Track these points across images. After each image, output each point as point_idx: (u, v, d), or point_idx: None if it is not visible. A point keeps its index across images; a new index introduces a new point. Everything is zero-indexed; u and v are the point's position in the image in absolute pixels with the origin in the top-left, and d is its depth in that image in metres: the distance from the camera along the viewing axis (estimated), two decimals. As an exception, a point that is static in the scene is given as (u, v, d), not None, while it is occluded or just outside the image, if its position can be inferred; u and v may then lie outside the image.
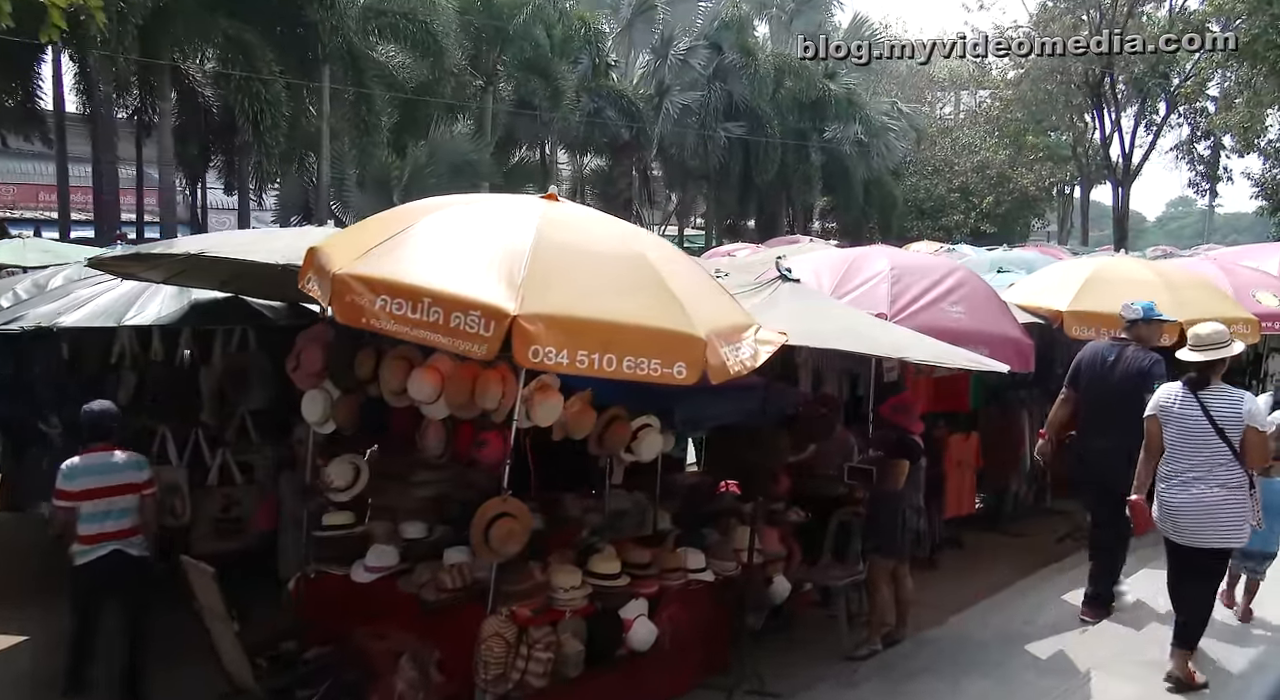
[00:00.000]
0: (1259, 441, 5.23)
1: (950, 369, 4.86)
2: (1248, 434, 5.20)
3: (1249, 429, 5.20)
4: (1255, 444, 5.21)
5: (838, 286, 6.30)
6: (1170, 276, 7.75)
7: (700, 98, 28.16)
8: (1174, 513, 5.31)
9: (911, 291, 6.17)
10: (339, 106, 19.50)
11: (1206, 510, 5.20)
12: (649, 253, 4.21)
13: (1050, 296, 7.89)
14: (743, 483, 6.68)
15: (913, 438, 6.22)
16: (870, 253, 6.70)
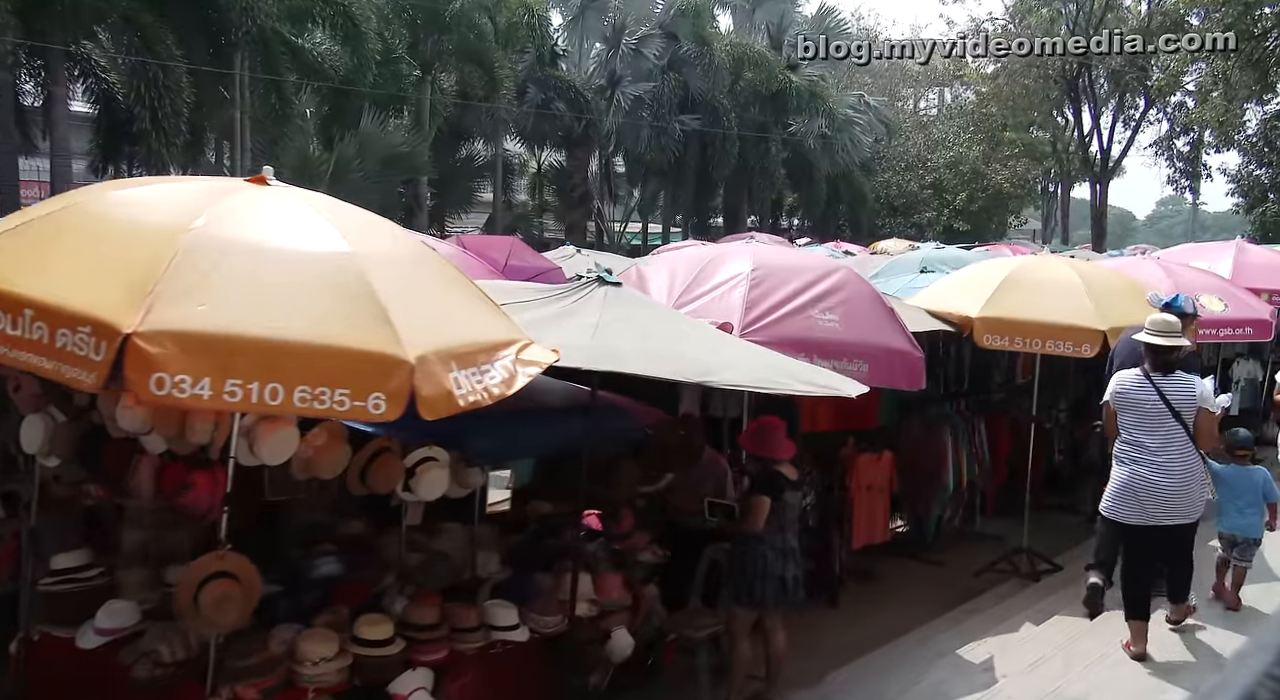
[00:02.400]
0: (1209, 423, 5.49)
1: (783, 393, 3.99)
2: (1199, 416, 5.44)
3: (1201, 411, 5.44)
4: (1206, 426, 5.47)
5: (688, 290, 5.46)
6: (1095, 280, 6.95)
7: (653, 89, 27.21)
8: (1136, 495, 5.44)
9: (774, 297, 5.34)
10: (262, 96, 18.53)
11: (1168, 490, 5.39)
12: (366, 252, 3.34)
13: (962, 301, 7.08)
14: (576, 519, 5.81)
15: (776, 470, 5.39)
16: (733, 251, 5.85)
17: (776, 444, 5.43)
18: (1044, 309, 6.71)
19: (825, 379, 4.35)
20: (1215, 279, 8.78)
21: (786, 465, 5.52)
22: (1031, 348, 6.74)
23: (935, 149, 40.16)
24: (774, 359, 4.36)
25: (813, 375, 4.32)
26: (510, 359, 3.55)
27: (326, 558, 5.23)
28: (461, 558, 5.60)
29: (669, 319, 4.34)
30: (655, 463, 5.82)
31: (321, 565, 5.20)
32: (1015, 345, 6.78)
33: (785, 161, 30.10)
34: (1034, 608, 6.80)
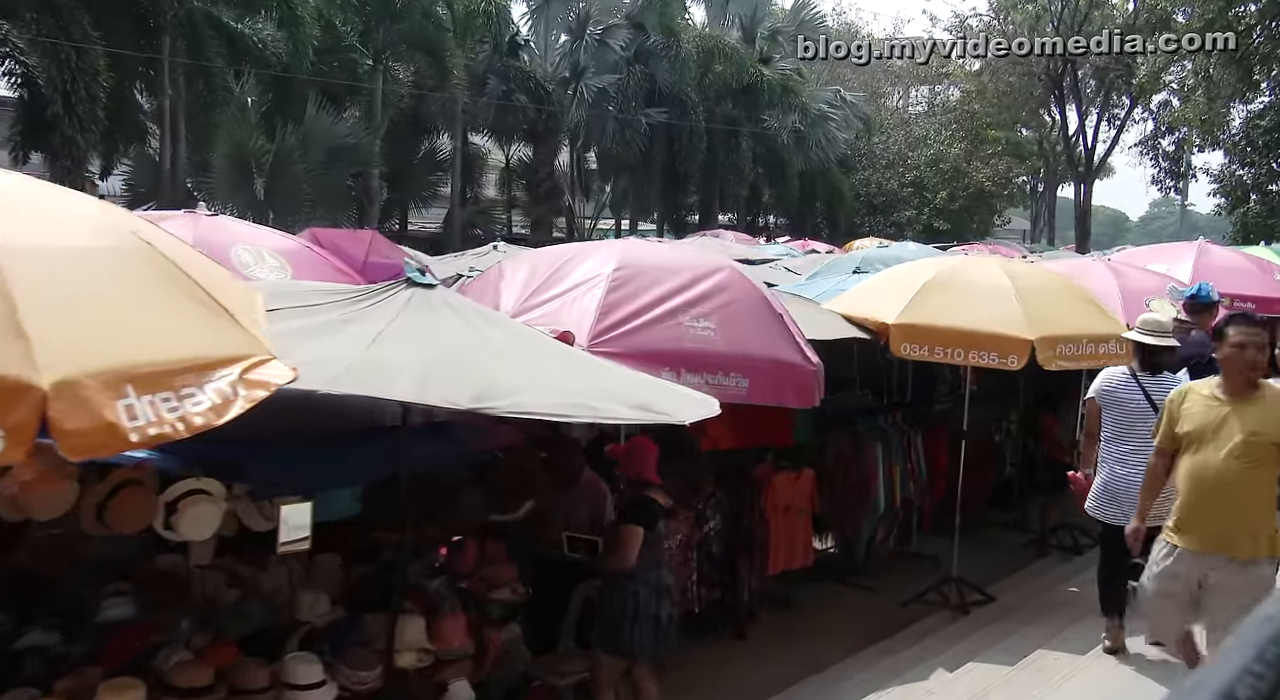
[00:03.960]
0: None
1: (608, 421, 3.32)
2: None
3: None
4: None
5: (537, 292, 4.80)
6: (1028, 284, 6.31)
7: (618, 81, 26.46)
8: (1116, 496, 5.45)
9: (637, 301, 4.68)
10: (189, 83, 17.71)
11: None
12: (13, 245, 2.64)
13: (880, 306, 6.43)
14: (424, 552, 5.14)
15: (649, 496, 4.75)
16: (600, 248, 5.19)
17: (648, 467, 4.78)
18: (967, 315, 6.07)
19: (670, 402, 3.69)
20: (1168, 283, 8.15)
21: (658, 490, 4.88)
22: (953, 358, 6.11)
23: (916, 146, 39.51)
24: (606, 378, 3.69)
25: (655, 397, 3.66)
26: (230, 379, 2.87)
27: (116, 599, 4.54)
28: (286, 597, 4.92)
29: (480, 329, 3.67)
30: (514, 488, 5.14)
31: (107, 608, 4.51)
32: (935, 355, 6.13)
33: (758, 158, 29.38)
34: (953, 650, 6.16)
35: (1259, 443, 4.32)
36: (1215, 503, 4.39)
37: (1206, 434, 4.41)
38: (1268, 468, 4.38)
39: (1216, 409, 4.43)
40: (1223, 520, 4.40)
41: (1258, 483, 4.37)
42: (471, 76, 24.82)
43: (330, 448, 4.28)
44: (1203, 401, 4.49)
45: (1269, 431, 4.34)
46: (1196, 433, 4.45)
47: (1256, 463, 4.33)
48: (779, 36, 30.51)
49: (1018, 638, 6.14)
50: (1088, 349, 6.12)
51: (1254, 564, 4.38)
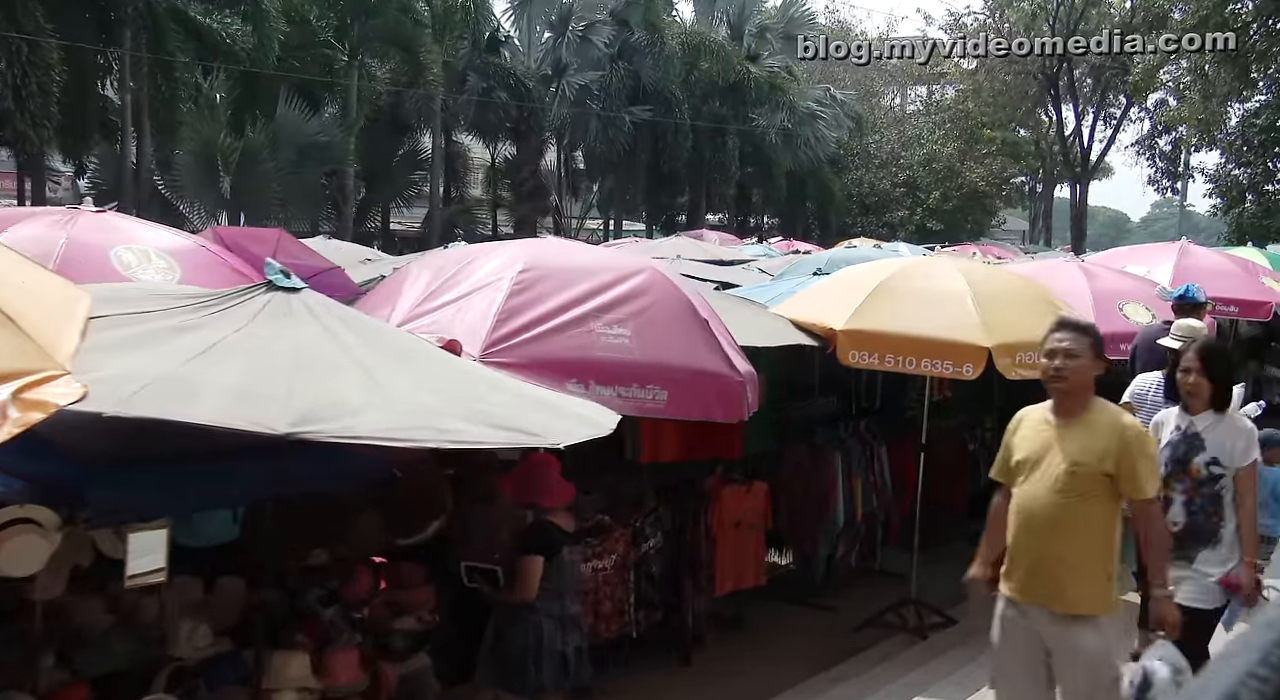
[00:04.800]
0: None
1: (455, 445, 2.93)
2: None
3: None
4: None
5: (433, 296, 4.42)
6: (986, 288, 5.93)
7: (601, 78, 26.03)
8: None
9: (541, 306, 4.28)
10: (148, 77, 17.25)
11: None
12: None
13: (829, 311, 6.03)
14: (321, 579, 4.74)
15: (550, 523, 4.36)
16: (506, 249, 4.79)
17: (546, 488, 4.39)
18: (919, 321, 5.68)
19: (552, 421, 3.30)
20: (1145, 285, 7.76)
21: (561, 513, 4.49)
22: (904, 367, 5.71)
23: (909, 146, 39.14)
24: (481, 393, 3.30)
25: (536, 415, 3.26)
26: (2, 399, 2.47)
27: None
28: (168, 627, 4.53)
29: (340, 337, 3.28)
30: (418, 508, 4.75)
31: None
32: (886, 364, 5.74)
33: (745, 157, 28.96)
34: (905, 678, 5.77)
35: (1083, 474, 3.65)
36: (1035, 544, 3.77)
37: (1032, 464, 3.79)
38: (1098, 503, 3.70)
39: (1045, 434, 3.80)
40: (1041, 565, 3.75)
41: (1084, 521, 3.69)
42: (451, 73, 24.42)
43: (193, 467, 3.88)
44: (1034, 426, 3.89)
45: (1090, 461, 3.66)
46: (1025, 462, 3.82)
47: (1083, 497, 3.67)
48: (767, 34, 30.13)
49: (974, 667, 5.74)
50: (1049, 357, 5.72)
51: (1076, 622, 3.69)
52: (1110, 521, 3.74)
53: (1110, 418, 3.77)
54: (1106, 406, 3.84)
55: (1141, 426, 3.88)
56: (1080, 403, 3.76)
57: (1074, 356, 3.71)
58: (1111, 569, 3.75)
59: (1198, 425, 4.52)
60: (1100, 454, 3.66)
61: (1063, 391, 3.76)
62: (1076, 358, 3.71)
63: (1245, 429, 4.52)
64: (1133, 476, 3.67)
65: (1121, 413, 3.86)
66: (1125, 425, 3.74)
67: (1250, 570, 4.44)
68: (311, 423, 2.66)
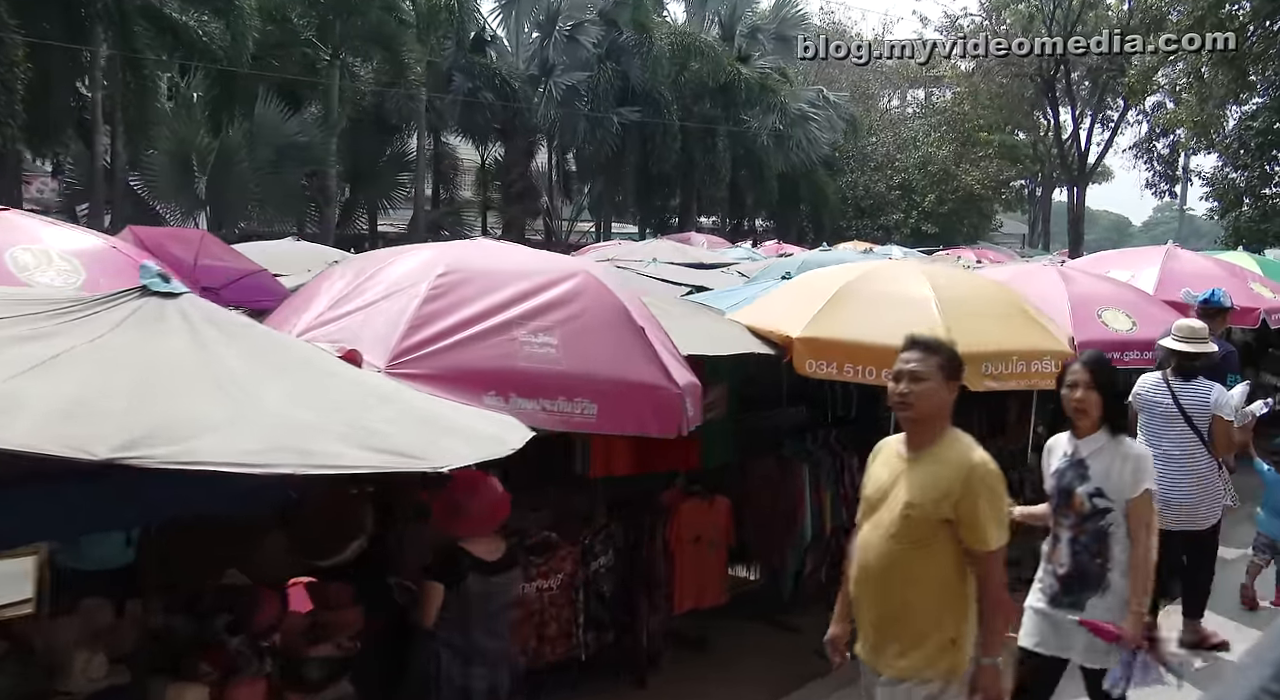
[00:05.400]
0: (1224, 430, 5.63)
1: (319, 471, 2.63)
2: (1214, 422, 5.62)
3: (1214, 418, 5.60)
4: (1221, 432, 5.63)
5: (344, 301, 4.12)
6: (952, 294, 5.63)
7: (589, 78, 25.74)
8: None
9: (458, 313, 3.99)
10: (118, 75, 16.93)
11: (1174, 493, 5.53)
12: None
13: (786, 317, 5.73)
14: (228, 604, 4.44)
15: (460, 549, 4.07)
16: (428, 250, 4.49)
17: (466, 513, 4.09)
18: (879, 328, 5.37)
19: (449, 440, 3.00)
20: (1126, 291, 7.47)
21: (485, 539, 4.18)
22: (863, 377, 5.41)
23: (905, 148, 38.87)
24: (371, 408, 3.00)
25: (431, 434, 2.97)
26: None
27: None
28: (62, 655, 4.22)
29: (212, 348, 2.99)
30: (334, 529, 4.45)
31: None
32: (845, 374, 5.44)
33: (737, 159, 28.67)
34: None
35: (918, 518, 3.18)
36: (869, 598, 3.35)
37: (875, 503, 3.37)
38: (939, 553, 3.20)
39: (894, 469, 3.35)
40: (877, 623, 3.32)
41: (922, 574, 3.22)
42: (437, 73, 24.15)
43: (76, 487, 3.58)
44: (886, 459, 3.43)
45: (928, 503, 3.18)
46: (870, 502, 3.41)
47: (919, 545, 3.19)
48: (759, 34, 29.87)
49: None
50: (1017, 367, 5.44)
51: (903, 687, 3.22)
52: (955, 574, 3.22)
53: (958, 453, 3.23)
54: (958, 439, 3.31)
55: (992, 465, 3.26)
56: (930, 433, 3.28)
57: (921, 379, 3.24)
58: (958, 630, 3.24)
59: (1083, 450, 4.01)
60: (940, 495, 3.17)
61: (910, 420, 3.28)
62: (923, 380, 3.24)
63: (1135, 454, 3.98)
64: (972, 523, 3.14)
65: (973, 447, 3.28)
66: (972, 463, 3.20)
67: (1137, 621, 3.86)
68: (144, 446, 2.36)
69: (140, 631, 4.40)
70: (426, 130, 26.70)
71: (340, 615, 4.88)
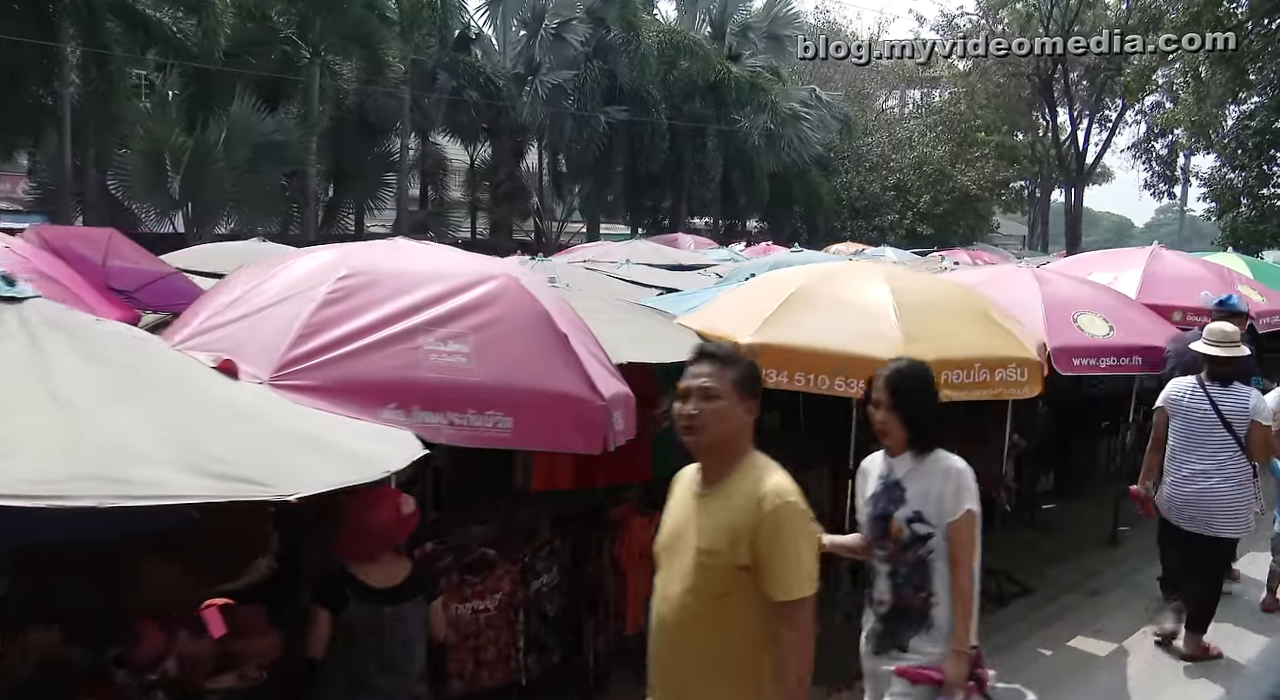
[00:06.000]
0: (1263, 436, 5.52)
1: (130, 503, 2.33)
2: (1252, 428, 5.50)
3: (1253, 423, 5.49)
4: (1258, 438, 5.51)
5: (236, 304, 3.82)
6: (912, 297, 5.33)
7: (575, 77, 25.44)
8: (1180, 503, 5.63)
9: (361, 318, 3.69)
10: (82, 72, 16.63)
11: (1212, 501, 5.52)
12: None
13: (737, 322, 5.43)
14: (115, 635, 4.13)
15: (346, 575, 3.76)
16: (334, 251, 4.19)
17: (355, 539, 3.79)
18: (833, 334, 5.08)
19: (301, 463, 2.70)
20: (1105, 294, 7.17)
21: (384, 564, 3.86)
22: (816, 386, 5.10)
23: (900, 148, 38.59)
24: (219, 427, 2.70)
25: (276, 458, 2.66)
26: None
27: None
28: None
29: (47, 356, 2.69)
30: (235, 550, 4.15)
31: None
32: (796, 383, 5.13)
33: (728, 159, 28.35)
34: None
35: (714, 566, 2.68)
36: (666, 660, 2.86)
37: (670, 548, 2.87)
38: (743, 606, 2.68)
39: (688, 507, 2.86)
40: (674, 690, 2.87)
41: (724, 632, 2.72)
42: (422, 72, 23.86)
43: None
44: (682, 494, 2.95)
45: (722, 547, 2.68)
46: (666, 545, 2.90)
47: (720, 597, 2.69)
48: (750, 33, 29.58)
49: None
50: (980, 375, 5.13)
51: None
52: (768, 631, 2.68)
53: (752, 485, 2.71)
54: (755, 468, 2.78)
55: (791, 496, 2.72)
56: (724, 463, 2.78)
57: (713, 397, 2.74)
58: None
59: (897, 471, 3.56)
60: (734, 537, 2.66)
61: (700, 447, 2.79)
62: (716, 399, 2.74)
63: (955, 470, 3.47)
64: (769, 569, 2.63)
65: (769, 477, 2.75)
66: (763, 495, 2.67)
67: (959, 662, 3.40)
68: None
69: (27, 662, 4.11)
70: (413, 130, 26.42)
71: (251, 643, 4.56)
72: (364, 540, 3.79)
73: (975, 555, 3.47)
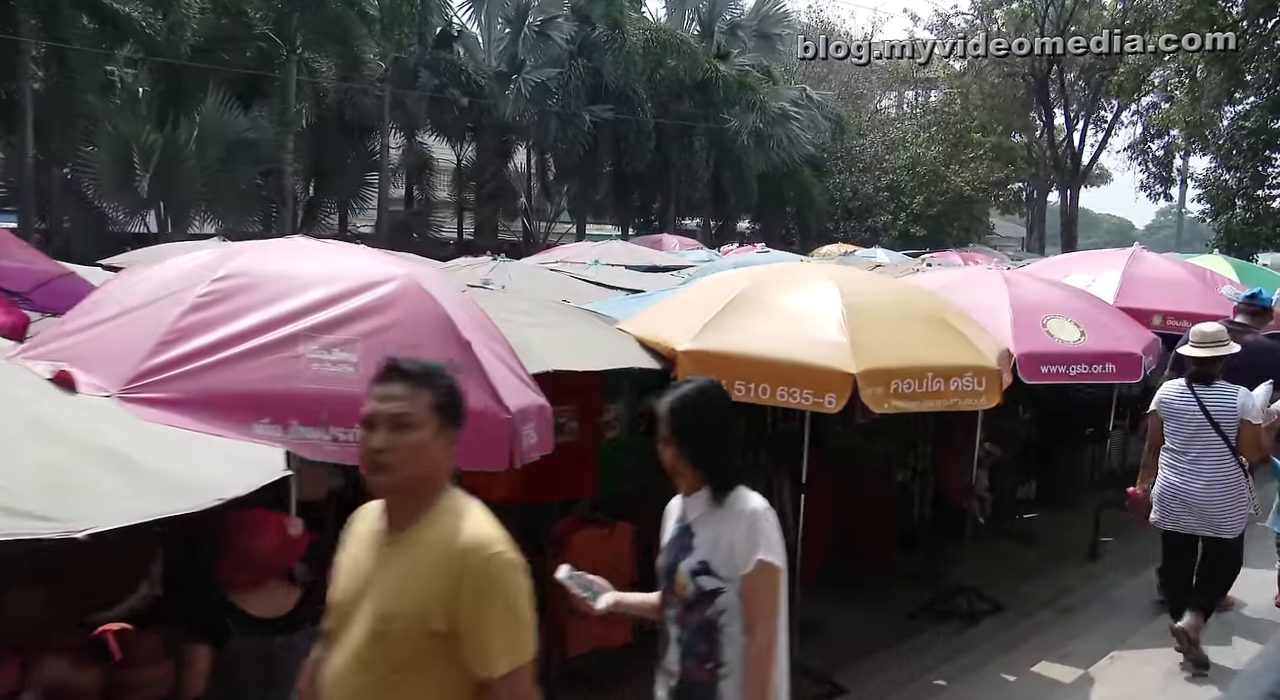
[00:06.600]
0: (1252, 434, 5.54)
1: None
2: (1242, 427, 5.52)
3: (1243, 422, 5.51)
4: (1248, 437, 5.53)
5: (99, 307, 3.50)
6: (862, 300, 5.03)
7: (559, 75, 25.11)
8: (1169, 503, 5.72)
9: (233, 325, 3.38)
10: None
11: (1201, 500, 5.59)
12: None
13: (676, 327, 5.12)
14: None
15: (229, 602, 3.46)
16: (216, 250, 3.87)
17: (243, 561, 3.48)
18: (776, 340, 4.78)
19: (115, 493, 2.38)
20: (1078, 298, 6.87)
21: (272, 591, 3.56)
22: (757, 396, 4.79)
23: (893, 149, 38.27)
24: (15, 451, 2.38)
25: (79, 491, 2.35)
26: None
27: None
28: None
29: None
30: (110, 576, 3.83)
31: None
32: (736, 393, 4.80)
33: (717, 159, 28.00)
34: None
35: (398, 635, 2.19)
36: None
37: (345, 609, 2.32)
38: (430, 684, 2.21)
39: (369, 558, 2.32)
40: None
41: None
42: (404, 70, 23.55)
43: None
44: (362, 539, 2.39)
45: (409, 611, 2.19)
46: (340, 606, 2.35)
47: (404, 671, 2.20)
48: (739, 31, 29.27)
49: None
50: (933, 384, 4.82)
51: None
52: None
53: (449, 533, 2.21)
54: (453, 509, 2.29)
55: (497, 547, 2.24)
56: (418, 505, 2.27)
57: (406, 427, 2.22)
58: None
59: (690, 514, 2.99)
60: (425, 597, 2.16)
61: (388, 488, 2.25)
62: (410, 429, 2.22)
63: (750, 512, 2.87)
64: (473, 636, 2.16)
65: (472, 522, 2.27)
66: (465, 545, 2.19)
67: None
68: None
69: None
70: (397, 129, 26.11)
71: (141, 672, 4.25)
72: (246, 567, 3.49)
73: (777, 617, 2.86)
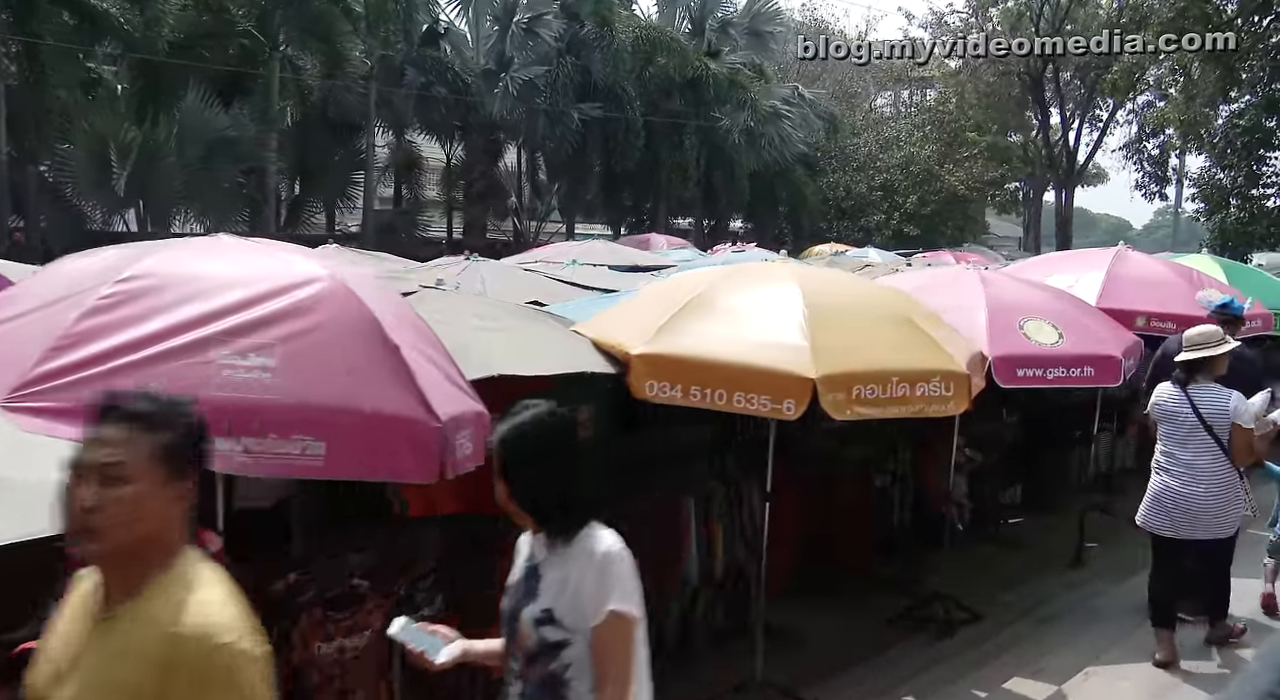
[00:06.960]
0: (1243, 438, 5.57)
1: None
2: (1233, 431, 5.55)
3: (1234, 426, 5.55)
4: (1239, 440, 5.56)
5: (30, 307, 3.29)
6: (825, 301, 4.82)
7: (547, 73, 24.90)
8: (1164, 506, 5.70)
9: (137, 329, 3.19)
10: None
11: (1195, 503, 5.59)
12: None
13: (632, 329, 4.91)
14: None
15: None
16: (124, 250, 3.66)
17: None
18: (733, 344, 4.57)
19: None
20: (1058, 300, 6.68)
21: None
22: (713, 402, 4.58)
23: (887, 148, 38.08)
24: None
25: None
26: None
27: None
28: None
29: None
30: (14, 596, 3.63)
31: None
32: (691, 398, 4.61)
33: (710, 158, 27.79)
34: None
35: None
36: None
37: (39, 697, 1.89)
38: None
39: (78, 635, 1.88)
40: None
41: None
42: (390, 68, 23.32)
43: None
44: (74, 612, 1.93)
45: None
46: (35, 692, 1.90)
47: None
48: (730, 29, 29.07)
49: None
50: (898, 390, 4.61)
51: None
52: None
53: (171, 612, 1.79)
54: (183, 579, 1.85)
55: (230, 636, 1.80)
56: (139, 573, 1.83)
57: (120, 480, 1.78)
58: None
59: (538, 554, 2.63)
60: (131, 691, 1.77)
61: (99, 555, 1.81)
62: (122, 483, 1.78)
63: (603, 554, 2.48)
64: None
65: (200, 599, 1.84)
66: (186, 631, 1.77)
67: None
68: None
69: None
70: (385, 127, 25.87)
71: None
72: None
73: (631, 674, 2.48)
